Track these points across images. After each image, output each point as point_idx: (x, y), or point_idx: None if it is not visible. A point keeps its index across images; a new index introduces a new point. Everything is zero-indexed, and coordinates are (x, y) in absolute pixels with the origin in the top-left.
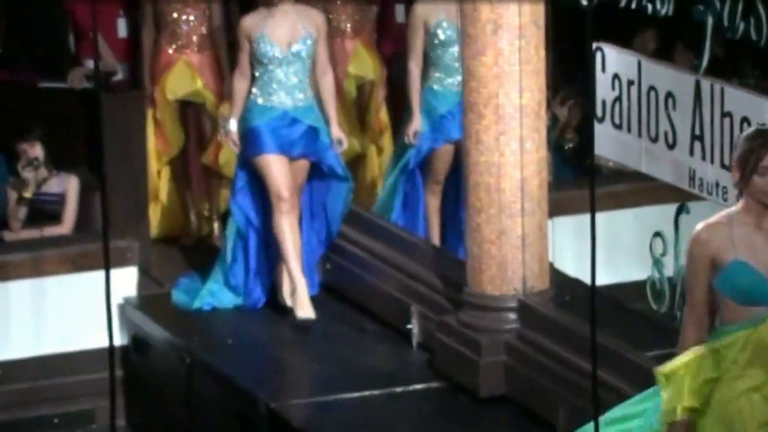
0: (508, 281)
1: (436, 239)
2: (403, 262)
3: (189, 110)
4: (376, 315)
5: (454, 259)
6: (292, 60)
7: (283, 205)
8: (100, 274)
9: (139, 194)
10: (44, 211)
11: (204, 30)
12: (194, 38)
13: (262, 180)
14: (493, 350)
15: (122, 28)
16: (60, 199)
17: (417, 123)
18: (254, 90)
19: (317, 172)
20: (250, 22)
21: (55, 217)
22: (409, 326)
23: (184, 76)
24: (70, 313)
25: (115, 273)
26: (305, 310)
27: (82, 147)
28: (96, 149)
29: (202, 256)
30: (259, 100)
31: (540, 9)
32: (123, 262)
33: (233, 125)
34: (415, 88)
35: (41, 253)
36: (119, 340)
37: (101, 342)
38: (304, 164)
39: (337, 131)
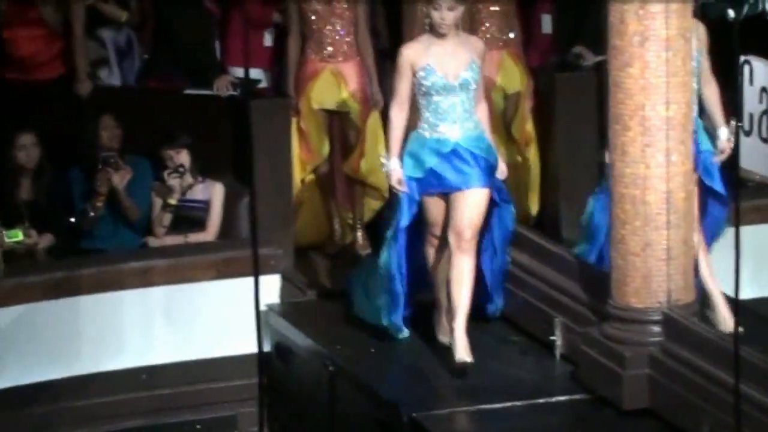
0: (652, 294)
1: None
2: (548, 274)
3: (334, 119)
4: (520, 326)
5: (598, 271)
6: (459, 89)
7: (464, 244)
8: (243, 281)
9: (283, 202)
10: (189, 217)
11: (350, 39)
12: (340, 47)
13: (431, 217)
14: (637, 363)
15: (268, 37)
16: (205, 206)
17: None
18: (420, 122)
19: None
20: (413, 51)
21: (200, 224)
22: (553, 338)
23: (330, 86)
24: (213, 319)
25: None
26: (462, 354)
27: (228, 154)
28: (241, 157)
29: (345, 265)
30: (426, 133)
31: (687, 21)
32: (267, 270)
33: (395, 163)
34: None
35: (185, 259)
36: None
37: (244, 348)
38: (480, 195)
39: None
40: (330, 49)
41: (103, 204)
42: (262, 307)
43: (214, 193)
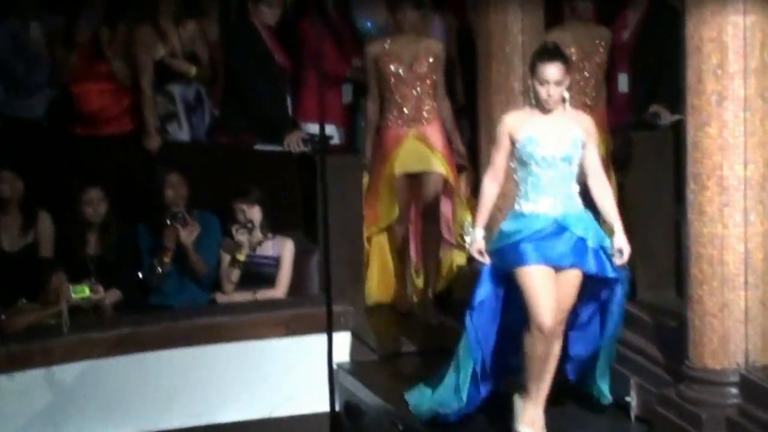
0: (730, 355)
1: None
2: (623, 334)
3: (414, 181)
4: None
5: (674, 331)
6: (561, 164)
7: (546, 331)
8: (313, 339)
9: (354, 259)
10: (258, 274)
11: (430, 101)
12: (422, 110)
13: (522, 296)
14: (714, 425)
15: (347, 93)
16: (275, 262)
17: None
18: (518, 196)
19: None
20: (515, 120)
21: (270, 281)
22: (628, 398)
23: (416, 149)
24: (282, 377)
25: None
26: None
27: (298, 211)
28: (312, 213)
29: (416, 324)
30: (525, 207)
31: (766, 81)
32: (337, 327)
33: (479, 233)
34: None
35: (254, 316)
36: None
37: (312, 407)
38: (574, 276)
39: (622, 241)
40: (412, 112)
41: (170, 260)
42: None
43: (285, 249)
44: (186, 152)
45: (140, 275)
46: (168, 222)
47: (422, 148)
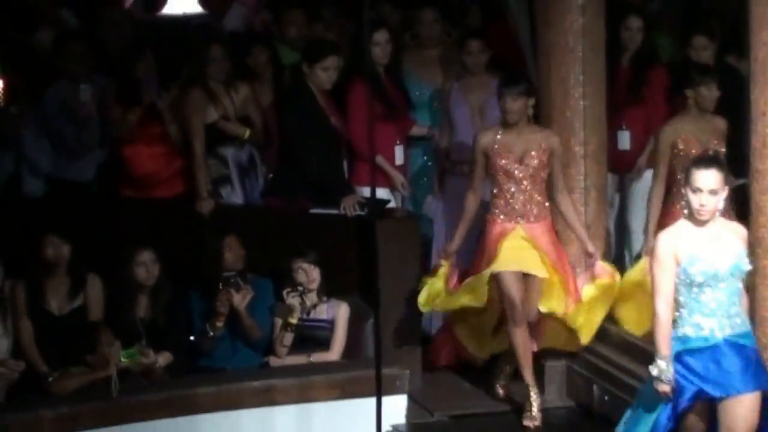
0: None
1: None
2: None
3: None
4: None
5: None
6: (729, 278)
7: None
8: (368, 401)
9: (410, 322)
10: (313, 337)
11: (541, 198)
12: (531, 207)
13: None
14: None
15: (399, 156)
16: (330, 325)
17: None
18: (678, 318)
19: None
20: (674, 240)
21: (324, 344)
22: None
23: (520, 248)
24: None
25: (385, 400)
26: None
27: (354, 275)
28: (368, 277)
29: (473, 388)
30: (688, 330)
31: None
32: (393, 390)
33: (668, 364)
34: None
35: (309, 378)
36: None
37: None
38: (752, 402)
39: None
40: (519, 208)
41: (223, 324)
42: (388, 428)
43: (339, 312)
44: (239, 216)
45: (192, 338)
46: (221, 286)
47: (526, 247)
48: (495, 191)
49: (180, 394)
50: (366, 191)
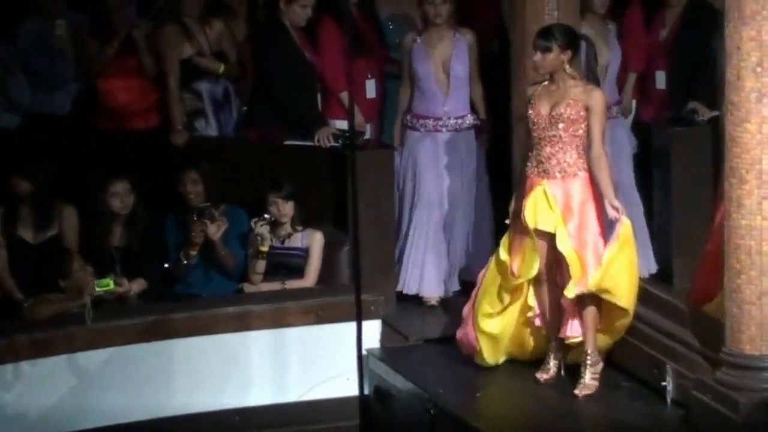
0: (767, 341)
1: None
2: (660, 321)
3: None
4: (631, 372)
5: (710, 319)
6: None
7: None
8: (342, 327)
9: (385, 250)
10: (288, 265)
11: (570, 154)
12: (559, 165)
13: None
14: (751, 409)
15: (371, 89)
16: (304, 253)
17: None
18: None
19: None
20: None
21: (299, 272)
22: (664, 383)
23: (542, 206)
24: (311, 363)
25: None
26: None
27: (329, 204)
28: (342, 207)
29: (444, 313)
30: None
31: None
32: (368, 315)
33: None
34: None
35: (283, 304)
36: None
37: (341, 392)
38: None
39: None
40: (544, 162)
41: (197, 254)
42: (363, 352)
43: (314, 241)
44: (213, 147)
45: (166, 266)
46: (195, 217)
47: (546, 205)
48: (531, 143)
49: (154, 319)
50: (342, 125)
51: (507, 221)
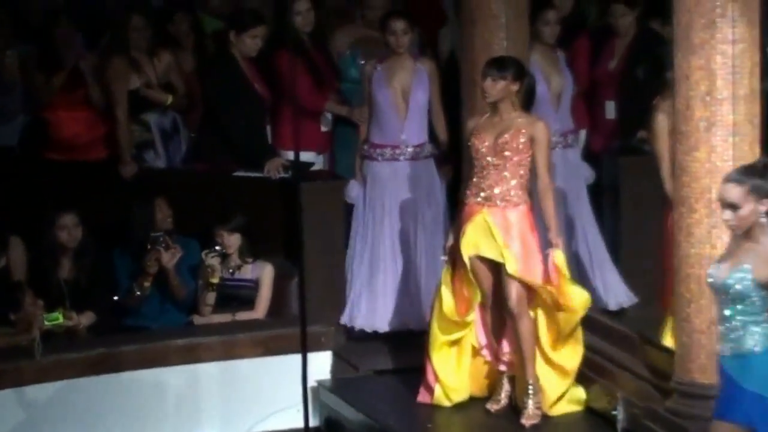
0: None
1: None
2: (609, 350)
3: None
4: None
5: (661, 348)
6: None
7: None
8: (292, 358)
9: (335, 281)
10: (238, 297)
11: (515, 185)
12: (502, 193)
13: None
14: None
15: (326, 122)
16: (254, 285)
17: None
18: None
19: None
20: None
21: (249, 303)
22: (615, 412)
23: (482, 233)
24: (262, 395)
25: (310, 357)
26: None
27: (279, 236)
28: (293, 238)
29: (395, 343)
30: None
31: (755, 108)
32: (318, 347)
33: None
34: None
35: (233, 336)
36: (312, 422)
37: (291, 423)
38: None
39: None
40: (487, 192)
41: (150, 284)
42: (313, 383)
43: (264, 272)
44: (162, 179)
45: (116, 298)
46: (149, 246)
47: (487, 233)
48: (470, 171)
49: (104, 352)
50: (288, 156)
51: (444, 258)
